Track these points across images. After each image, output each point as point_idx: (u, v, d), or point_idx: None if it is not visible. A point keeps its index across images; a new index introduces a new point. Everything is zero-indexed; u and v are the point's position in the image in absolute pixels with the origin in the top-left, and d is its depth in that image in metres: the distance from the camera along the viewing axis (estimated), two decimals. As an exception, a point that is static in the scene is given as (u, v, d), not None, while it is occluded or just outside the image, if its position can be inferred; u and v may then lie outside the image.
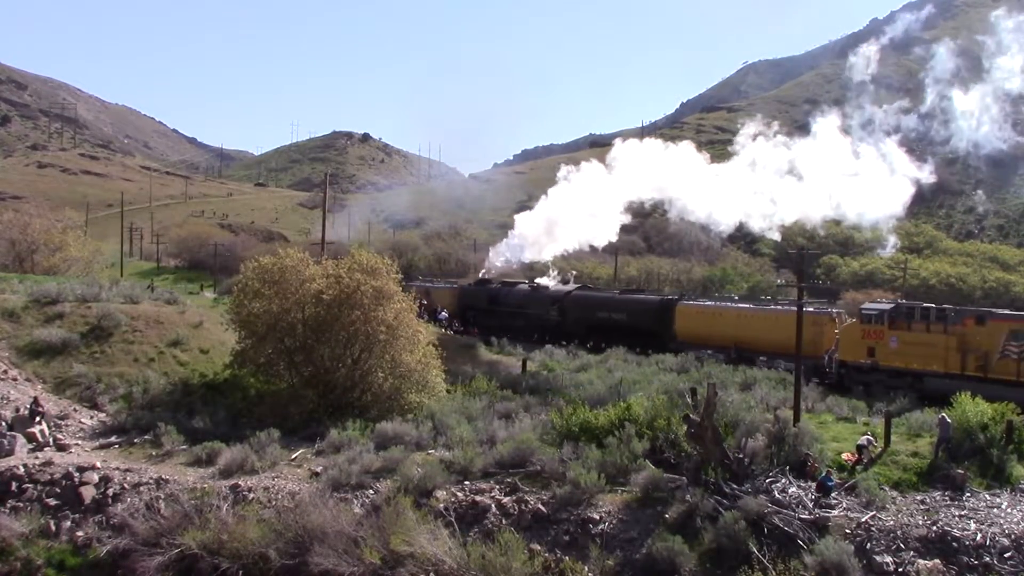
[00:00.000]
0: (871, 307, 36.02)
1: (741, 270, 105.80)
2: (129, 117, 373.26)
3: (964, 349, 31.19)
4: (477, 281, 61.95)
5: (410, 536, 18.14)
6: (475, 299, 54.16)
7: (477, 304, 53.01)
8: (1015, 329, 30.45)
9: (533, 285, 53.93)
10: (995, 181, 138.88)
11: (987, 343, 30.87)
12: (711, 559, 17.79)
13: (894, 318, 33.84)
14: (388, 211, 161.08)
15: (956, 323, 32.08)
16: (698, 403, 21.68)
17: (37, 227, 60.36)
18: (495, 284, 56.77)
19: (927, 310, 33.58)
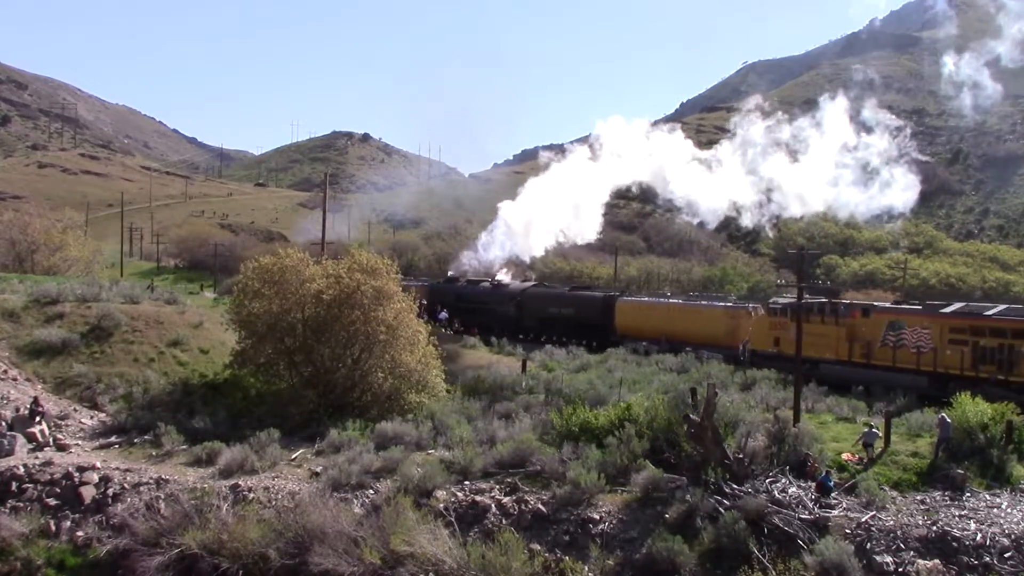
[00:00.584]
0: (776, 302, 39.66)
1: (741, 270, 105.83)
2: (129, 117, 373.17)
3: (852, 338, 34.85)
4: (446, 279, 64.89)
5: (410, 536, 18.14)
6: (443, 296, 56.65)
7: (446, 300, 55.54)
8: (893, 321, 34.08)
9: (495, 283, 57.61)
10: (995, 181, 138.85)
11: (870, 333, 34.48)
12: (711, 559, 17.78)
13: (784, 311, 37.55)
14: (388, 211, 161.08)
15: (846, 316, 35.70)
16: (698, 403, 21.68)
17: (37, 227, 60.41)
18: (461, 282, 59.65)
19: (823, 304, 36.86)
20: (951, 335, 32.36)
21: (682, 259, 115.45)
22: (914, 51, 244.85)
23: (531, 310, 51.04)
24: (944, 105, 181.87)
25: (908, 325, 33.85)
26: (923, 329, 33.36)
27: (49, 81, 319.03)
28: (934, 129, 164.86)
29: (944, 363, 31.86)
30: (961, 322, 32.48)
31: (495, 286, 56.22)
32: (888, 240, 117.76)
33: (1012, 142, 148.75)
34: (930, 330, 32.92)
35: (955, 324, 32.50)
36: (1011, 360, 30.17)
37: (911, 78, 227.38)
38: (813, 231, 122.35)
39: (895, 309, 36.00)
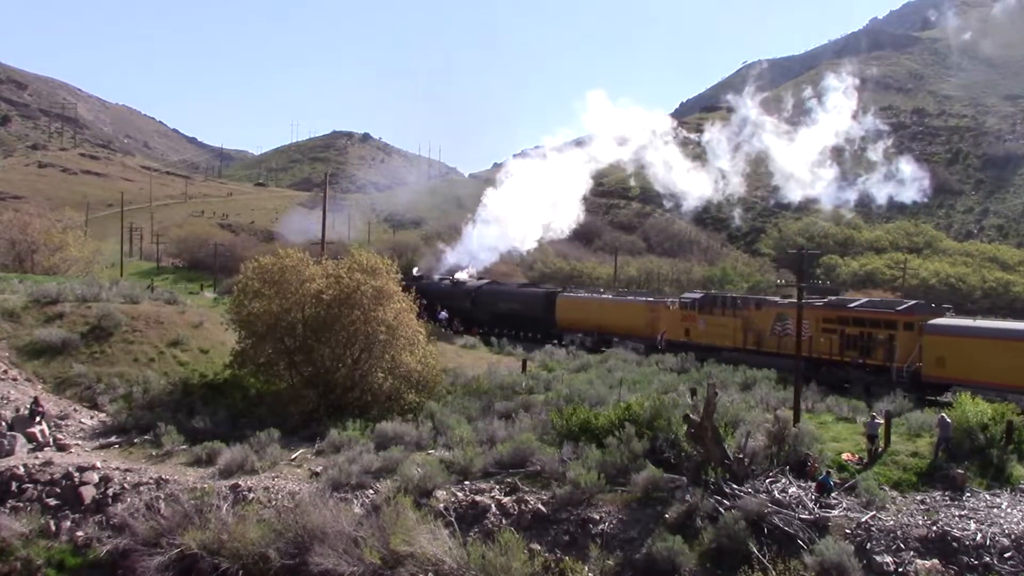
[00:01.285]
0: (687, 297, 44.65)
1: (741, 270, 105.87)
2: (129, 117, 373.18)
3: (746, 329, 39.06)
4: (410, 278, 67.99)
5: (410, 536, 18.14)
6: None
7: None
8: (779, 313, 37.76)
9: (453, 280, 60.47)
10: (995, 181, 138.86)
11: (761, 324, 38.48)
12: (711, 559, 17.78)
13: (703, 305, 41.99)
14: (388, 211, 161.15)
15: (743, 309, 40.03)
16: (698, 403, 21.68)
17: (37, 227, 60.44)
18: (425, 280, 61.95)
19: (724, 299, 42.08)
20: (823, 325, 36.02)
21: (682, 259, 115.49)
22: (914, 51, 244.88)
23: (483, 305, 54.27)
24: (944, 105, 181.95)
25: (791, 317, 35.99)
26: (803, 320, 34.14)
27: (49, 81, 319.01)
28: (934, 129, 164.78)
29: (818, 349, 35.50)
30: (831, 313, 36.19)
31: (453, 283, 59.52)
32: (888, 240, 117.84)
33: (1012, 142, 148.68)
34: (808, 321, 35.06)
35: (826, 315, 36.18)
36: (869, 346, 34.33)
37: (911, 78, 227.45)
38: (813, 231, 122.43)
39: (781, 303, 39.71)
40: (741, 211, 52.27)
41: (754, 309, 39.69)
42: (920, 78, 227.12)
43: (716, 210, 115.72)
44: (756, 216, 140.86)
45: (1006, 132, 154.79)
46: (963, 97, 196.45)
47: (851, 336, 35.02)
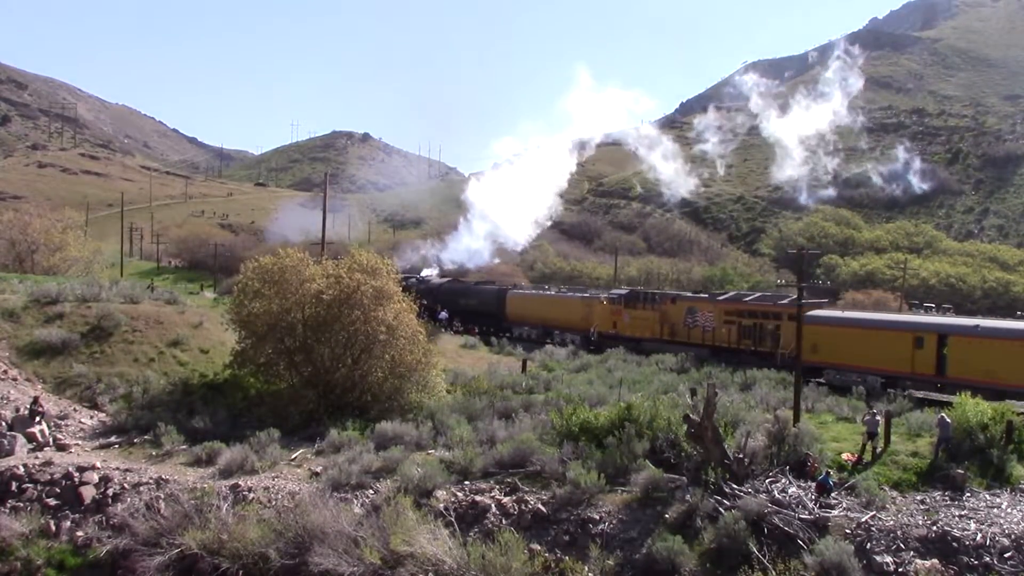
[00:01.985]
0: (615, 293, 49.82)
1: (741, 270, 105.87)
2: (129, 117, 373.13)
3: (663, 321, 44.11)
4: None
5: (410, 536, 18.13)
6: None
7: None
8: (690, 307, 43.55)
9: (419, 277, 63.94)
10: (995, 181, 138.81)
11: (676, 317, 43.71)
12: (711, 559, 17.78)
13: (628, 300, 47.02)
14: (388, 211, 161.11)
15: (660, 304, 45.05)
16: (698, 403, 21.67)
17: (37, 227, 60.35)
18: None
19: (645, 294, 47.43)
20: (725, 317, 40.94)
21: (682, 259, 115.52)
22: (914, 51, 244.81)
23: (444, 301, 57.58)
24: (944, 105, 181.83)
25: (700, 310, 42.77)
26: (708, 313, 42.29)
27: (49, 81, 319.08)
28: (934, 129, 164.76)
29: (720, 339, 40.72)
30: (730, 306, 41.18)
31: (419, 280, 62.36)
32: (888, 240, 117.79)
33: (1012, 142, 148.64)
34: (712, 313, 41.77)
35: (727, 308, 41.15)
36: (760, 335, 39.01)
37: (911, 78, 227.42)
38: (813, 231, 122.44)
39: (691, 298, 46.00)
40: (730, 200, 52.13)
41: (670, 304, 44.82)
42: (920, 78, 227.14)
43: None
44: (756, 216, 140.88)
45: (1006, 132, 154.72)
46: (963, 97, 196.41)
47: (746, 327, 39.90)
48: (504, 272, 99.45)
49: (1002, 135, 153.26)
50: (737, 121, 51.24)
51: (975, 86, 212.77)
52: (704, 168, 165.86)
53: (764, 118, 54.75)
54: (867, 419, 22.61)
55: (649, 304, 45.76)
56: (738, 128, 50.40)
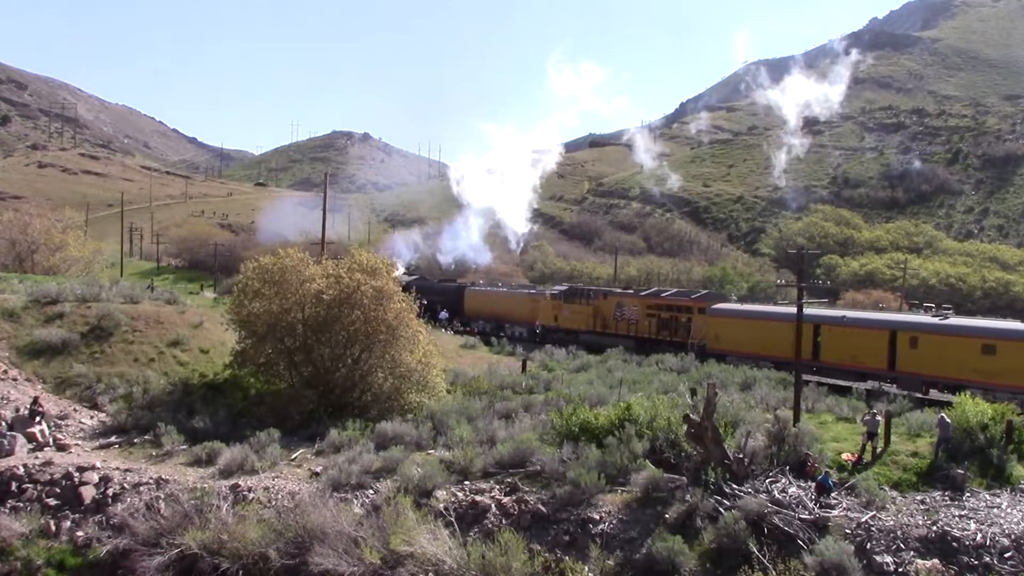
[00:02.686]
0: (556, 289, 54.68)
1: (741, 270, 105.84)
2: (129, 117, 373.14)
3: (596, 315, 48.79)
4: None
5: (410, 536, 18.13)
6: None
7: None
8: (619, 302, 48.41)
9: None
10: (995, 181, 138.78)
11: (607, 311, 48.52)
12: (711, 559, 17.77)
13: (567, 296, 51.85)
14: (388, 211, 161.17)
15: (594, 299, 49.67)
16: (698, 403, 21.67)
17: (37, 227, 60.37)
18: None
19: (581, 291, 52.40)
20: (647, 311, 46.22)
21: (682, 259, 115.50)
22: (914, 51, 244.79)
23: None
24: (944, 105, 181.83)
25: (626, 305, 47.85)
26: (633, 307, 47.27)
27: (49, 81, 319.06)
28: (934, 129, 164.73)
29: (643, 330, 46.02)
30: (651, 302, 46.62)
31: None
32: (888, 240, 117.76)
33: (1012, 142, 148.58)
34: (637, 308, 46.99)
35: (649, 303, 46.57)
36: (675, 327, 44.46)
37: (911, 78, 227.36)
38: (813, 231, 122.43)
39: (620, 294, 50.83)
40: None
41: (602, 299, 49.44)
42: (920, 78, 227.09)
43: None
44: (756, 216, 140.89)
45: (1006, 132, 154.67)
46: (963, 97, 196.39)
47: (664, 319, 45.41)
48: (505, 272, 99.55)
49: (1002, 135, 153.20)
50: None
51: (975, 86, 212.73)
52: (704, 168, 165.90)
53: (758, 87, 56.51)
54: (867, 419, 22.62)
55: (584, 300, 50.45)
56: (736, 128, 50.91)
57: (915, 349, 33.08)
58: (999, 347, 30.57)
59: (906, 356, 33.29)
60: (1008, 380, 29.63)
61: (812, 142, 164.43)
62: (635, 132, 61.15)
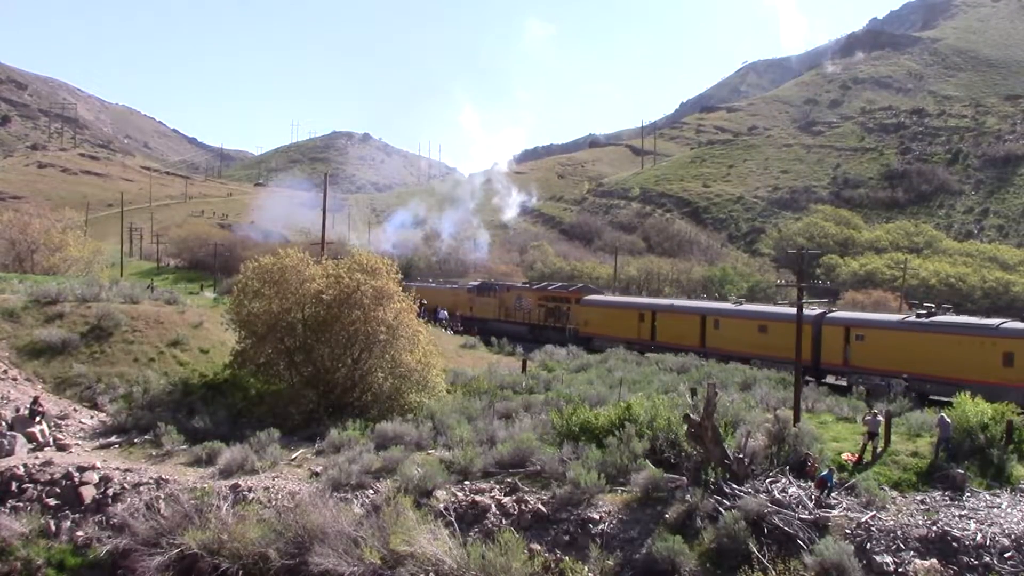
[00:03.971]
0: (470, 284, 63.96)
1: (741, 270, 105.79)
2: (129, 117, 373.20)
3: (501, 306, 57.57)
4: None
5: (410, 536, 18.13)
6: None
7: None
8: (519, 295, 57.31)
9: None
10: (995, 181, 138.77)
11: (509, 302, 57.43)
12: (711, 559, 17.78)
13: (479, 290, 60.56)
14: (388, 211, 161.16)
15: (499, 292, 58.71)
16: (698, 403, 21.66)
17: (37, 227, 60.36)
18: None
19: (490, 285, 61.57)
20: (538, 302, 54.92)
21: (682, 259, 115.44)
22: (914, 51, 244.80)
23: None
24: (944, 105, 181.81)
25: (524, 297, 56.74)
26: (528, 299, 56.14)
27: (49, 81, 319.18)
28: (934, 129, 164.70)
29: (535, 319, 54.58)
30: (541, 294, 56.10)
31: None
32: (888, 240, 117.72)
33: (1012, 142, 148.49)
34: (531, 299, 55.72)
35: (539, 295, 55.81)
36: (558, 315, 53.16)
37: (911, 78, 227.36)
38: (813, 231, 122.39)
39: (519, 287, 60.26)
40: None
41: (505, 292, 58.48)
42: (920, 78, 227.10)
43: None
44: (756, 216, 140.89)
45: (1006, 132, 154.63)
46: (963, 97, 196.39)
47: (550, 308, 54.03)
48: (504, 272, 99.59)
49: (1002, 135, 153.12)
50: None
51: (975, 86, 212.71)
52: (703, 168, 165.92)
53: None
54: (868, 419, 22.62)
55: (492, 293, 59.17)
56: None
57: (717, 330, 42.68)
58: (769, 327, 39.27)
59: (712, 335, 42.90)
60: (775, 353, 37.40)
61: (812, 142, 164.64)
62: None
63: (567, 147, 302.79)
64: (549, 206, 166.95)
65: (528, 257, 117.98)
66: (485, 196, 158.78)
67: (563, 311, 52.88)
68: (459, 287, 64.57)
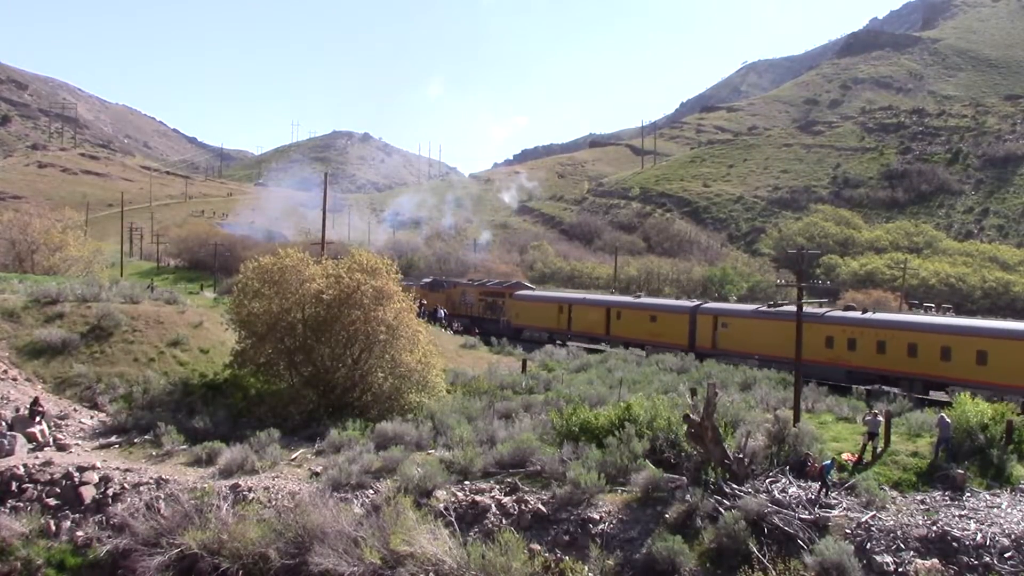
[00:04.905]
0: (424, 281, 68.64)
1: (741, 270, 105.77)
2: (129, 117, 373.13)
3: (449, 300, 62.65)
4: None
5: (410, 536, 18.12)
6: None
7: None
8: (464, 290, 63.81)
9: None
10: (995, 181, 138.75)
11: (456, 297, 63.28)
12: (711, 559, 17.78)
13: (431, 287, 65.14)
14: (388, 211, 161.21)
15: (447, 288, 65.06)
16: (698, 403, 21.66)
17: (37, 227, 60.34)
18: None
19: (440, 282, 67.86)
20: (479, 296, 61.32)
21: (682, 259, 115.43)
22: (914, 51, 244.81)
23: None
24: (944, 105, 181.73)
25: (467, 292, 63.11)
26: (471, 294, 62.52)
27: (49, 81, 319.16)
28: (934, 129, 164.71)
29: (476, 312, 60.42)
30: (481, 289, 62.39)
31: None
32: (888, 240, 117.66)
33: (1012, 142, 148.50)
34: (474, 294, 62.34)
35: (480, 290, 62.14)
36: (494, 309, 59.13)
37: (911, 78, 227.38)
38: (813, 231, 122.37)
39: (464, 284, 66.52)
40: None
41: (452, 288, 64.89)
42: (920, 78, 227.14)
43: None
44: (756, 216, 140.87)
45: (1006, 132, 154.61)
46: (963, 97, 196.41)
47: (489, 303, 59.81)
48: (504, 272, 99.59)
49: (1002, 135, 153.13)
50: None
51: (975, 86, 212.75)
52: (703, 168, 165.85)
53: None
54: (868, 419, 22.62)
55: (441, 289, 64.79)
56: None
57: (619, 320, 48.90)
58: (659, 317, 46.41)
59: (615, 324, 48.93)
60: (663, 339, 44.79)
61: (812, 142, 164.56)
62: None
63: (567, 147, 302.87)
64: (549, 206, 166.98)
65: (528, 257, 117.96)
66: (485, 196, 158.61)
67: (499, 305, 58.57)
68: (413, 284, 68.24)
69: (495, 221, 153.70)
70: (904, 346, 33.92)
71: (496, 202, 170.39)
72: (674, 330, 44.42)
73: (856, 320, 36.50)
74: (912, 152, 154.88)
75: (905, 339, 34.10)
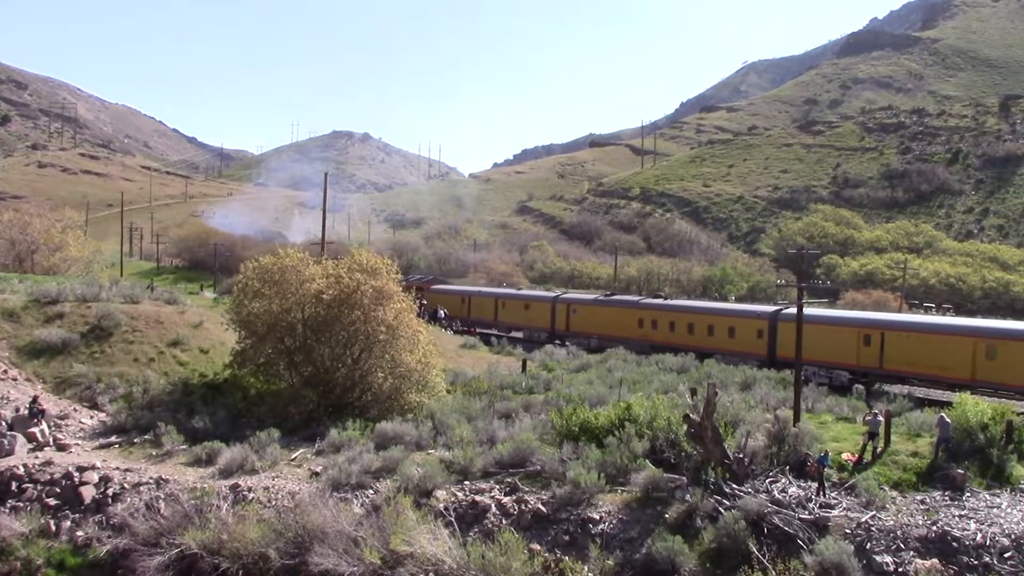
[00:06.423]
0: (408, 278, 65.89)
1: (741, 270, 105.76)
2: (129, 117, 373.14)
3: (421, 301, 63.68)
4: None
5: (410, 536, 18.13)
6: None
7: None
8: (434, 291, 66.08)
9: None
10: (995, 181, 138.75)
11: (429, 301, 60.40)
12: (711, 559, 17.77)
13: (417, 285, 62.60)
14: (388, 211, 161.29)
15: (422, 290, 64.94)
16: (698, 403, 21.66)
17: (37, 227, 60.27)
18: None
19: (412, 282, 64.09)
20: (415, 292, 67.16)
21: (682, 259, 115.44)
22: (914, 51, 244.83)
23: None
24: (944, 105, 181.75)
25: (425, 292, 63.85)
26: (424, 293, 62.25)
27: (49, 81, 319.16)
28: (934, 129, 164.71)
29: (431, 308, 57.85)
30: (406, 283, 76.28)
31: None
32: (888, 240, 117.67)
33: (1012, 142, 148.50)
34: (423, 293, 60.07)
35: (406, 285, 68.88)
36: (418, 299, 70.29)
37: (911, 78, 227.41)
38: (813, 231, 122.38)
39: (430, 281, 70.97)
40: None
41: (419, 290, 66.83)
42: (920, 78, 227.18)
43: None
44: (756, 216, 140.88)
45: (1006, 132, 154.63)
46: (963, 97, 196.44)
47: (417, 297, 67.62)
48: (504, 272, 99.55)
49: (1002, 135, 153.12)
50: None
51: (975, 86, 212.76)
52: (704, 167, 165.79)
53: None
54: (868, 419, 22.61)
55: (420, 290, 68.39)
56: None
57: (504, 308, 58.36)
58: (531, 306, 56.08)
59: (501, 312, 58.73)
60: (533, 324, 54.99)
61: (812, 142, 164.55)
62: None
63: (567, 147, 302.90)
64: (549, 206, 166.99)
65: (528, 257, 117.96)
66: (485, 195, 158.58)
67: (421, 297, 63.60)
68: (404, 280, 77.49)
69: (495, 221, 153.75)
70: (686, 325, 44.42)
71: (496, 202, 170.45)
72: (540, 316, 55.21)
73: (658, 306, 47.67)
74: (912, 152, 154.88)
75: (686, 320, 44.62)
